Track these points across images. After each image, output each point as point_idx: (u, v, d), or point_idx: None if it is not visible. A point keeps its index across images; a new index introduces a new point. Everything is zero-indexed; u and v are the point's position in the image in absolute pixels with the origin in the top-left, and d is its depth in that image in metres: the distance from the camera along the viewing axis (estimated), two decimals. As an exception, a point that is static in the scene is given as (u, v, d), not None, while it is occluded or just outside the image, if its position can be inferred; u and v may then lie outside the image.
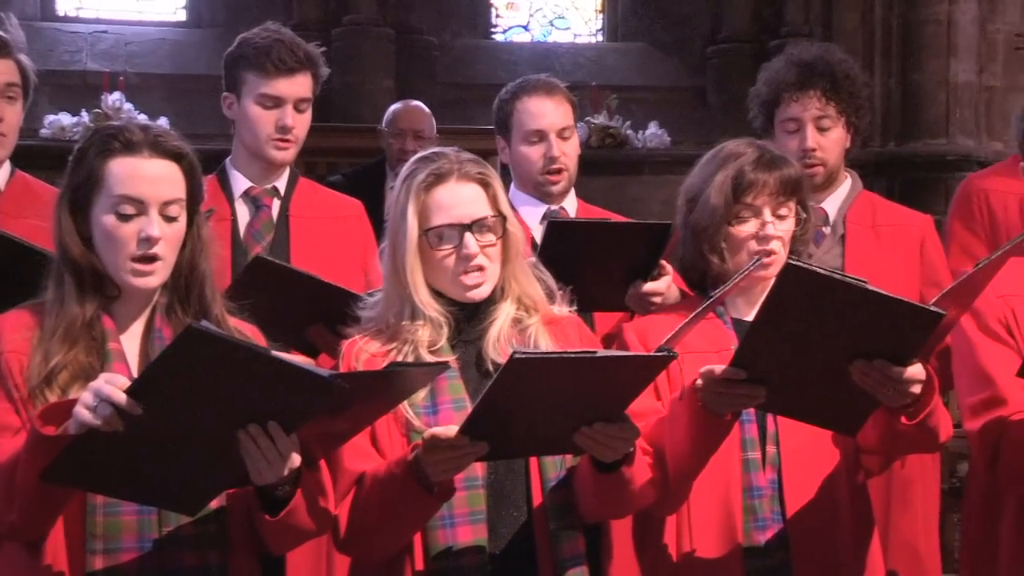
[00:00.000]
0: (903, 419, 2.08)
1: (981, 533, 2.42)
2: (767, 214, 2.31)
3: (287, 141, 2.89)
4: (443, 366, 2.01)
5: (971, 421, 2.27)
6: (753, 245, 2.31)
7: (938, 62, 7.82)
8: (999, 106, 8.16)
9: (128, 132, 2.01)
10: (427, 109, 5.24)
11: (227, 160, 3.01)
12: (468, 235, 2.12)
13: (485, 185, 2.18)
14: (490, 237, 2.15)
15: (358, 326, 2.23)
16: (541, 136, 3.01)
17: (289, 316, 2.60)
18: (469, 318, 2.17)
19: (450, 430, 1.92)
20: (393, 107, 5.27)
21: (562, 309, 2.25)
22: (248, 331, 2.13)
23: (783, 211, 2.33)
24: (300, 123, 2.91)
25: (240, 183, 2.96)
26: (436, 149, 2.24)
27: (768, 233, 2.30)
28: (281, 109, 2.87)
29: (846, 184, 3.09)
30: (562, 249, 2.29)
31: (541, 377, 1.84)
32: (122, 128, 2.02)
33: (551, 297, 2.24)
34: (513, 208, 2.28)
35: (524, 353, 1.81)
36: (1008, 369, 2.17)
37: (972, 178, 3.38)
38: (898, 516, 2.93)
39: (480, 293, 2.15)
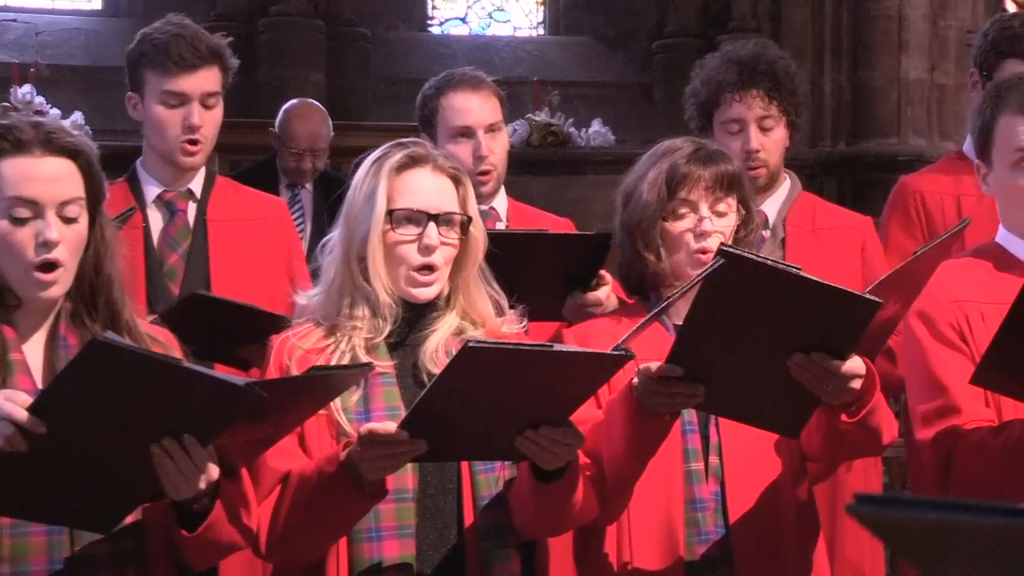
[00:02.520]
0: (844, 417, 2.10)
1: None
2: (704, 209, 2.32)
3: (196, 143, 2.85)
4: (367, 367, 2.01)
5: (923, 430, 2.30)
6: (691, 242, 2.32)
7: (889, 59, 7.95)
8: (951, 105, 8.31)
9: (17, 130, 1.96)
10: (324, 115, 5.19)
11: (137, 163, 2.96)
12: (432, 225, 2.13)
13: (457, 182, 2.20)
14: (452, 235, 2.16)
15: (296, 317, 2.24)
16: (468, 133, 2.99)
17: (222, 338, 2.61)
18: (410, 322, 2.17)
19: (388, 426, 1.91)
20: (288, 115, 5.14)
21: (511, 327, 2.26)
22: (162, 336, 2.11)
23: (721, 207, 2.34)
24: (209, 121, 2.87)
25: (152, 187, 2.91)
26: (410, 139, 2.27)
27: (705, 228, 2.31)
28: (187, 107, 2.82)
29: (785, 185, 3.12)
30: (497, 259, 2.30)
31: (493, 369, 1.84)
32: (10, 126, 1.97)
33: (501, 313, 2.25)
34: None
35: (479, 342, 1.81)
36: (961, 376, 2.19)
37: (906, 180, 3.41)
38: (844, 527, 2.97)
39: (426, 293, 2.16)
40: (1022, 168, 2.32)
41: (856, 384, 2.03)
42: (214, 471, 1.86)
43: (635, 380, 2.08)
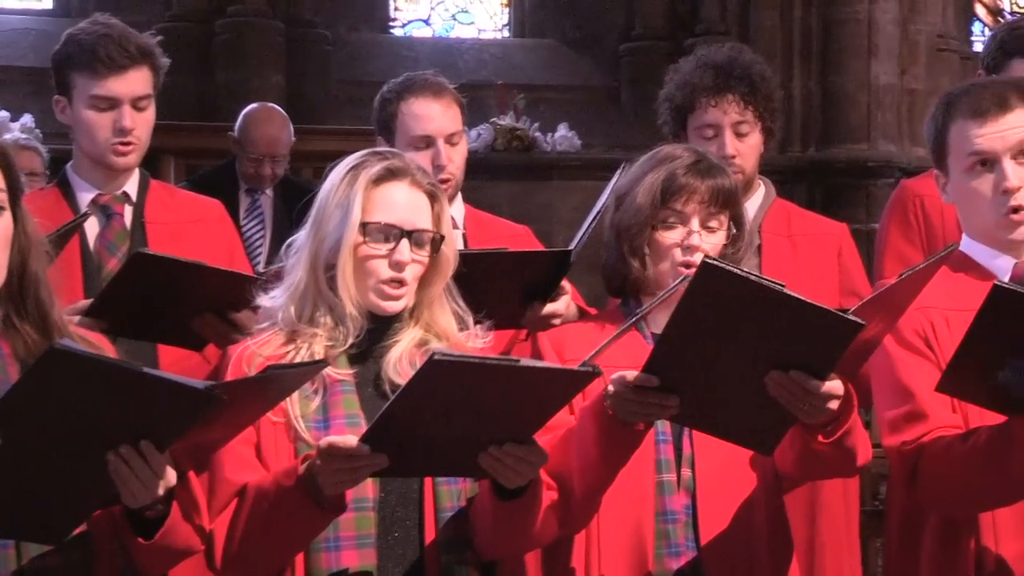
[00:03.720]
0: (820, 437, 2.11)
1: (901, 555, 2.48)
2: (695, 223, 2.33)
3: (128, 144, 2.82)
4: (321, 364, 2.01)
5: (890, 437, 2.32)
6: (677, 255, 2.33)
7: (859, 63, 8.01)
8: (921, 110, 8.38)
9: None
10: (284, 120, 5.16)
11: (67, 167, 2.92)
12: (405, 241, 2.14)
13: (433, 199, 2.20)
14: (423, 253, 2.16)
15: (255, 329, 2.22)
16: (428, 142, 2.97)
17: (170, 310, 2.57)
18: (372, 334, 2.17)
19: (349, 439, 1.90)
20: (248, 120, 5.11)
21: (476, 341, 2.26)
22: (93, 338, 2.09)
23: (713, 223, 2.34)
24: (141, 123, 2.83)
25: (85, 192, 2.87)
26: (388, 149, 2.26)
27: (693, 243, 2.31)
28: (117, 110, 2.78)
29: (760, 192, 3.14)
30: (457, 274, 2.30)
31: (458, 383, 1.83)
32: None
33: (464, 328, 2.25)
34: None
35: (444, 355, 1.80)
36: (928, 383, 2.21)
37: (907, 184, 3.45)
38: (819, 542, 2.98)
39: (394, 306, 2.16)
40: (976, 172, 2.35)
41: (833, 405, 2.04)
42: (172, 477, 1.86)
43: (609, 388, 2.08)
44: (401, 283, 2.14)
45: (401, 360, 2.16)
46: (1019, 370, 2.04)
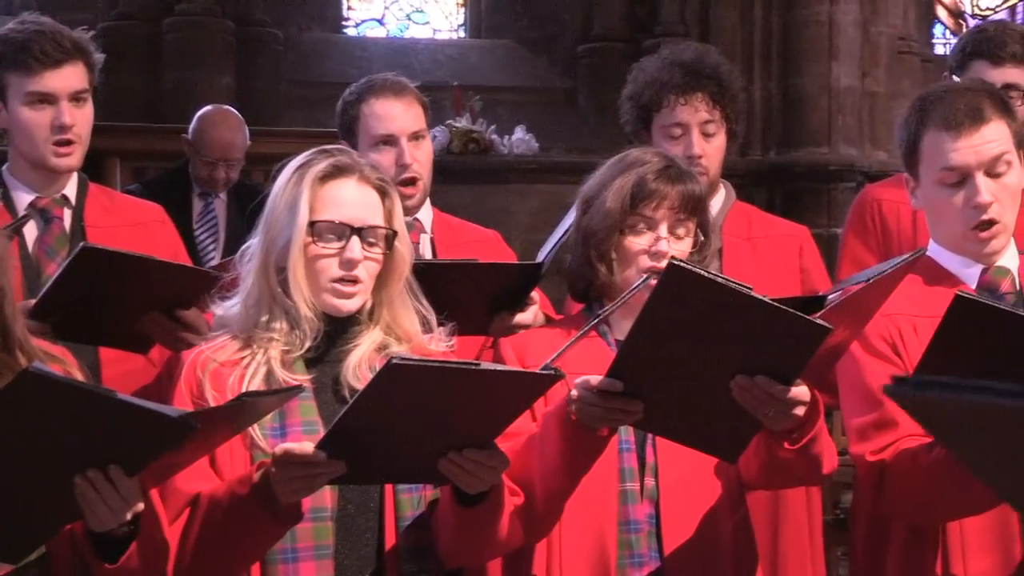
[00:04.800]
0: (786, 444, 2.12)
1: (867, 564, 2.50)
2: (663, 229, 2.33)
3: (69, 143, 2.79)
4: (297, 390, 2.00)
5: (858, 444, 2.33)
6: (644, 261, 2.33)
7: (819, 66, 8.07)
8: (882, 113, 8.47)
9: None
10: (240, 123, 5.14)
11: (3, 169, 2.90)
12: (355, 239, 2.12)
13: (384, 194, 2.19)
14: (376, 250, 2.15)
15: (209, 335, 2.21)
16: (391, 141, 2.98)
17: (117, 309, 2.54)
18: (330, 337, 2.16)
19: (305, 446, 1.89)
20: (203, 122, 5.08)
21: (439, 344, 2.25)
22: (57, 352, 2.08)
23: (681, 230, 2.35)
24: (81, 119, 2.80)
25: (22, 194, 2.84)
26: (336, 146, 2.25)
27: (660, 249, 2.32)
28: (55, 107, 2.76)
29: (720, 194, 3.15)
30: (424, 281, 2.29)
31: (417, 387, 1.82)
32: None
33: (429, 330, 2.24)
34: None
35: (402, 359, 1.79)
36: None
37: (868, 188, 3.49)
38: (783, 552, 3.00)
39: (348, 305, 2.15)
40: (948, 184, 2.37)
41: (800, 411, 2.04)
42: (140, 503, 1.85)
43: (573, 393, 2.08)
44: (354, 281, 2.13)
45: (360, 364, 2.15)
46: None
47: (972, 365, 2.07)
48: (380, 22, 9.53)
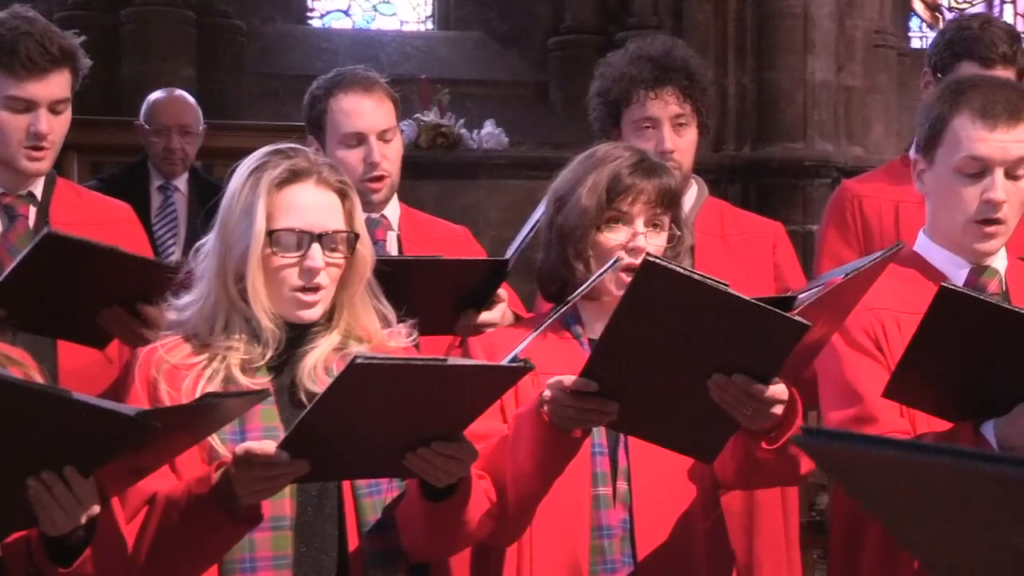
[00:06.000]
0: (763, 444, 2.12)
1: (844, 565, 2.51)
2: (640, 224, 2.34)
3: (41, 149, 2.77)
4: (263, 394, 1.98)
5: None
6: (622, 257, 2.33)
7: (795, 59, 8.10)
8: (858, 108, 8.52)
9: None
10: (191, 99, 5.15)
11: None
12: (316, 246, 2.10)
13: (343, 196, 2.16)
14: (338, 255, 2.13)
15: (165, 330, 2.19)
16: (360, 139, 2.97)
17: (77, 300, 2.52)
18: (291, 342, 2.15)
19: (267, 445, 1.88)
20: (151, 98, 5.11)
21: (399, 340, 2.24)
22: (16, 355, 2.06)
23: (657, 225, 2.36)
24: (57, 127, 2.79)
25: None
26: (291, 144, 2.21)
27: (638, 245, 2.32)
28: (33, 113, 2.74)
29: (693, 190, 3.16)
30: (388, 280, 2.28)
31: (382, 385, 1.81)
32: None
33: (389, 327, 2.23)
34: None
35: (367, 358, 1.78)
36: (877, 385, 2.23)
37: (847, 184, 3.49)
38: (758, 555, 3.01)
39: (311, 314, 2.13)
40: (965, 174, 2.36)
41: (778, 410, 2.05)
42: (96, 506, 1.83)
43: (546, 393, 2.08)
44: (316, 289, 2.12)
45: (316, 368, 2.13)
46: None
47: (955, 358, 2.08)
48: (346, 13, 9.51)
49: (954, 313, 2.03)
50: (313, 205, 2.12)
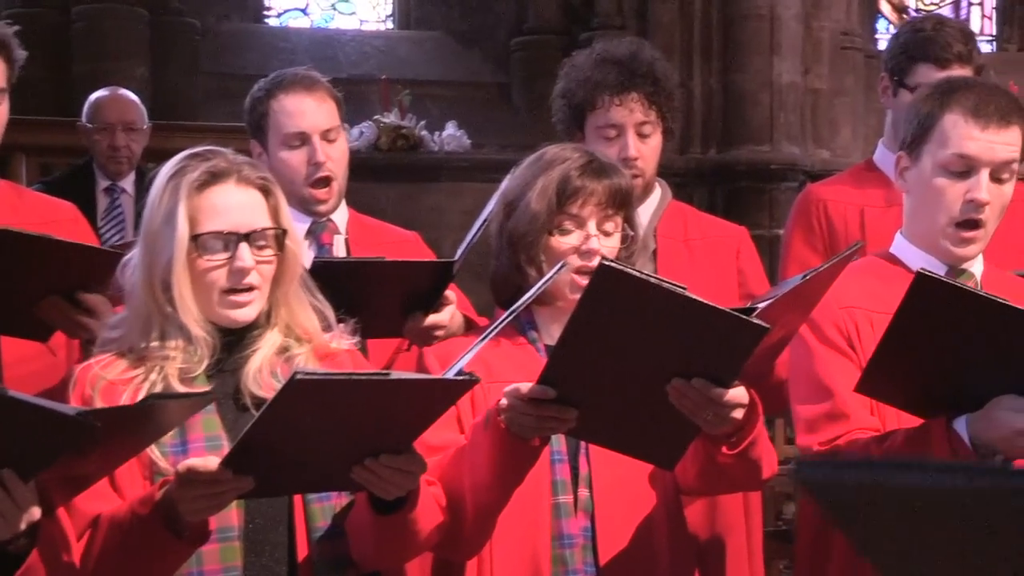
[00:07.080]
0: (724, 449, 2.13)
1: (810, 573, 2.52)
2: (592, 227, 2.34)
3: None
4: (207, 397, 1.98)
5: (806, 436, 2.34)
6: (574, 260, 2.33)
7: (761, 61, 8.15)
8: (825, 110, 8.58)
9: None
10: (134, 96, 5.15)
11: None
12: (244, 246, 2.10)
13: (266, 193, 2.16)
14: (267, 252, 2.13)
15: (99, 348, 2.17)
16: (303, 139, 2.94)
17: (14, 293, 2.49)
18: (228, 345, 2.14)
19: (209, 462, 1.86)
20: (93, 97, 5.12)
21: (341, 342, 2.24)
22: None
23: (609, 226, 2.36)
24: None
25: None
26: (209, 147, 2.20)
27: (591, 248, 2.32)
28: None
29: (656, 195, 3.16)
30: (333, 286, 2.28)
31: (325, 401, 1.80)
32: None
33: (328, 328, 2.23)
34: None
35: (306, 374, 1.77)
36: (848, 382, 2.24)
37: (811, 188, 3.51)
38: (720, 564, 3.02)
39: (246, 315, 2.13)
40: (951, 172, 2.37)
41: (738, 414, 2.05)
42: (36, 511, 1.80)
43: (503, 401, 2.07)
44: (248, 289, 2.11)
45: (261, 371, 2.13)
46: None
47: (930, 349, 2.09)
48: (304, 12, 9.48)
49: (931, 300, 2.03)
50: (237, 205, 2.11)
